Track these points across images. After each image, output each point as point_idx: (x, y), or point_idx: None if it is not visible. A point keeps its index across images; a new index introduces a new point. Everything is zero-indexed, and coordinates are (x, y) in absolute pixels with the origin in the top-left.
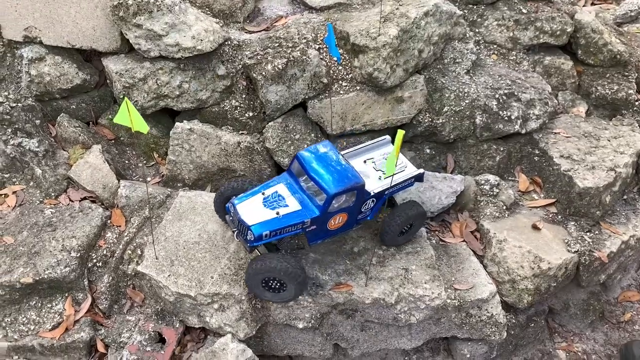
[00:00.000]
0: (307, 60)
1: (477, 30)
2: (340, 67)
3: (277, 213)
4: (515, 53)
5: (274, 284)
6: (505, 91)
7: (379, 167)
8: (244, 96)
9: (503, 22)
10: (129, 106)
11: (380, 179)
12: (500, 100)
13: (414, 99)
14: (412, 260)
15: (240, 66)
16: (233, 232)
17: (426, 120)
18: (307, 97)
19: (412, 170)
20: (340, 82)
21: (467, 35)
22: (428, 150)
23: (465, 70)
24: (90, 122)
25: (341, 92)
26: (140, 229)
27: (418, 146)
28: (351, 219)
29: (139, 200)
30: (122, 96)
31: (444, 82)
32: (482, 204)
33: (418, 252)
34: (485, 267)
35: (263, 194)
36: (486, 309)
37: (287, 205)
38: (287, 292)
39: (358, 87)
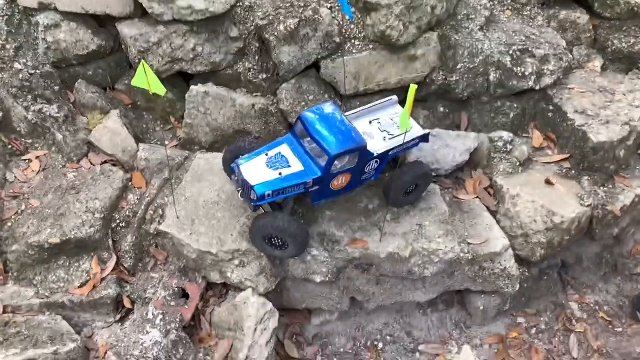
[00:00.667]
0: (319, 20)
1: None
2: (352, 26)
3: (280, 173)
4: (530, 8)
5: (275, 241)
6: (519, 47)
7: (384, 127)
8: (256, 58)
9: None
10: (145, 69)
11: (384, 139)
12: (514, 56)
13: (427, 57)
14: (425, 217)
15: (252, 27)
16: (237, 191)
17: (439, 78)
18: (319, 57)
19: (416, 131)
20: (353, 41)
21: None
22: (442, 109)
23: (478, 27)
24: (107, 88)
25: (354, 51)
26: (160, 190)
27: (431, 104)
28: (354, 180)
29: (157, 162)
30: (137, 60)
31: (457, 38)
32: (495, 160)
33: (431, 209)
34: (498, 222)
35: (266, 154)
36: (499, 262)
37: (289, 166)
38: (289, 249)
39: (371, 46)
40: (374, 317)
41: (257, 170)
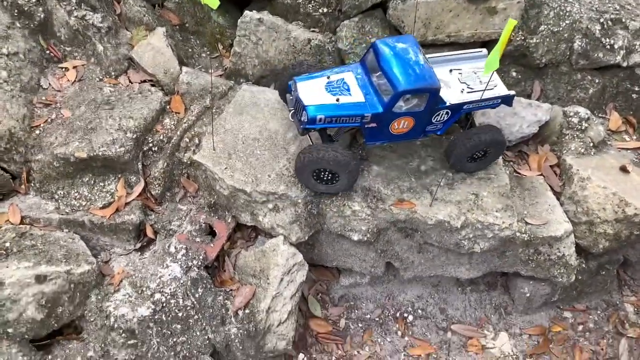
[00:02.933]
0: None
1: None
2: None
3: (337, 100)
4: None
5: (325, 175)
6: (612, 16)
7: (465, 79)
8: None
9: None
10: None
11: (462, 91)
12: (605, 26)
13: (508, 12)
14: (483, 187)
15: None
16: (289, 111)
17: (518, 39)
18: None
19: (501, 91)
20: None
21: None
22: (514, 74)
23: None
24: (156, 4)
25: None
26: (199, 118)
27: (503, 68)
28: (418, 127)
29: (200, 88)
30: None
31: None
32: (567, 137)
33: (491, 179)
34: (561, 204)
35: (328, 77)
36: (557, 248)
37: (350, 95)
38: (340, 182)
39: None
40: (408, 288)
41: (314, 91)
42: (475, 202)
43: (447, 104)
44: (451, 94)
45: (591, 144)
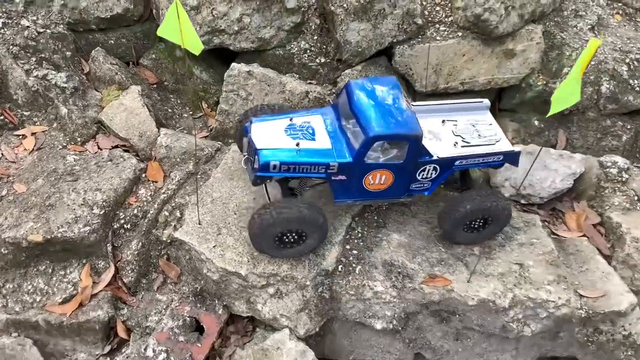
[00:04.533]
0: None
1: None
2: (438, 8)
3: (297, 144)
4: None
5: (289, 237)
6: (637, 56)
7: (460, 132)
8: (315, 37)
9: None
10: (179, 10)
11: (455, 145)
12: (632, 67)
13: (527, 54)
14: (527, 254)
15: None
16: (244, 156)
17: (539, 84)
18: (394, 40)
19: (503, 146)
20: (437, 25)
21: None
22: (536, 123)
23: (589, 27)
24: (131, 62)
25: (438, 38)
26: (181, 187)
27: (524, 116)
28: (399, 184)
29: (182, 152)
30: None
31: (563, 37)
32: (606, 191)
33: (534, 245)
34: (614, 269)
35: (291, 120)
36: (622, 326)
37: (313, 140)
38: (308, 243)
39: (460, 34)
40: None
41: (271, 134)
42: (521, 274)
43: (435, 157)
44: (441, 147)
45: (635, 197)
